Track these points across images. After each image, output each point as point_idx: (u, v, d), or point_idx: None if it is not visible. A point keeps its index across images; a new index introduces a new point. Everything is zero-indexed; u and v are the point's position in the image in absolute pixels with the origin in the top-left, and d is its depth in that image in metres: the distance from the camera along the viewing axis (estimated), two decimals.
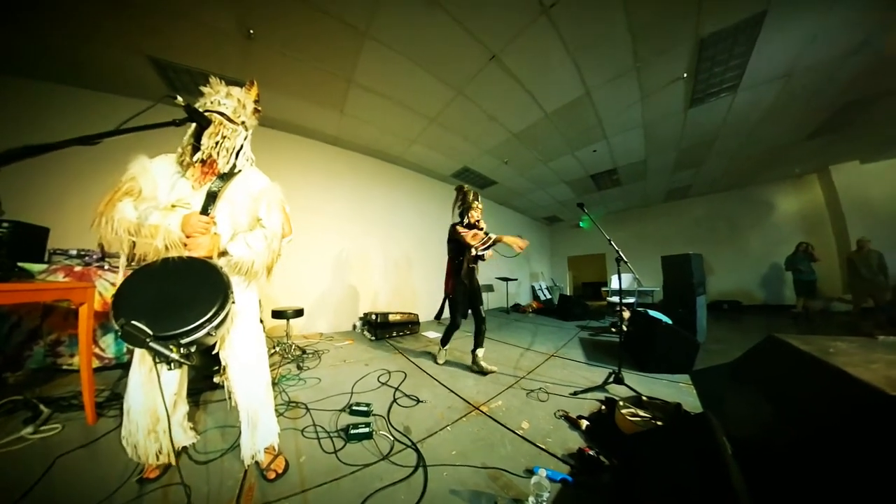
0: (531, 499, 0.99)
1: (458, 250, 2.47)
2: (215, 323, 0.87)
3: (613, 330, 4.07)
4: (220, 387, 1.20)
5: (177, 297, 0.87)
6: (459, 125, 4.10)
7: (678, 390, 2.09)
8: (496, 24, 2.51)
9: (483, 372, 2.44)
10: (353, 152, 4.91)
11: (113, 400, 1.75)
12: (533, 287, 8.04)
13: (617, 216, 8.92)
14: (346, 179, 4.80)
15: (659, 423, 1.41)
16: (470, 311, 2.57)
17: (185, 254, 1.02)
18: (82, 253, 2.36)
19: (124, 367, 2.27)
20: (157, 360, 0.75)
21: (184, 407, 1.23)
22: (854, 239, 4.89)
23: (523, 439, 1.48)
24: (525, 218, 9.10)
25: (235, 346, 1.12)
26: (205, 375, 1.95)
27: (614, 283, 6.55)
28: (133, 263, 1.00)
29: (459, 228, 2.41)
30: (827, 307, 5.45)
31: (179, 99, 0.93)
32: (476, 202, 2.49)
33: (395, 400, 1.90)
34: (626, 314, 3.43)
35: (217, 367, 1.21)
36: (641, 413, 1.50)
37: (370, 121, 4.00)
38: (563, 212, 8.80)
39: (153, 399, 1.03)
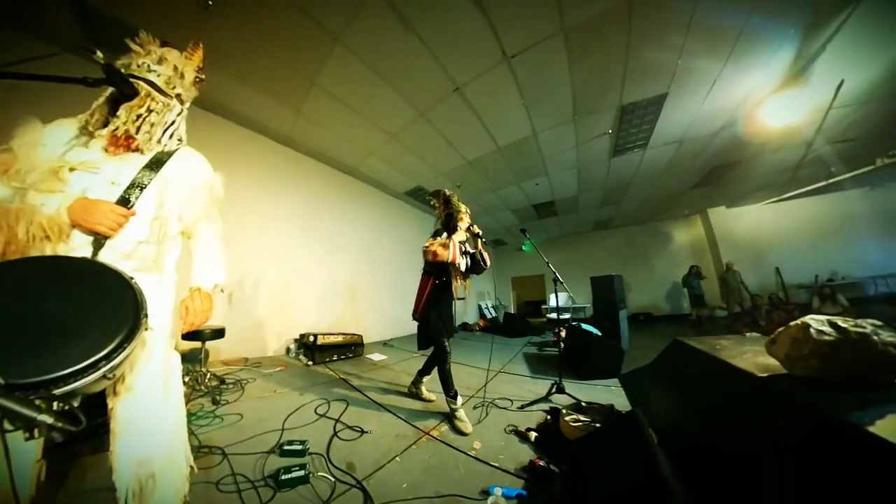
0: None
1: (436, 267, 2.04)
2: (116, 361, 0.54)
3: (553, 344, 4.45)
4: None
5: (52, 318, 0.55)
6: (418, 145, 4.24)
7: (611, 393, 2.36)
8: (463, 61, 2.75)
9: (421, 399, 2.27)
10: (304, 156, 4.59)
11: None
12: (480, 306, 8.35)
13: (554, 242, 9.94)
14: (292, 183, 4.37)
15: (597, 424, 1.56)
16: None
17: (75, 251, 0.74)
18: None
19: None
20: (14, 427, 0.38)
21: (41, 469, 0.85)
22: (724, 262, 6.51)
23: (476, 460, 1.44)
24: None
25: (133, 379, 0.76)
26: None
27: (552, 301, 7.18)
28: None
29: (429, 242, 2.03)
30: (712, 314, 7.01)
31: (99, 54, 0.72)
32: (462, 205, 2.12)
33: (335, 433, 1.68)
34: (563, 332, 3.78)
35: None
36: (582, 418, 1.64)
37: (327, 126, 3.85)
38: (507, 236, 9.47)
39: None
